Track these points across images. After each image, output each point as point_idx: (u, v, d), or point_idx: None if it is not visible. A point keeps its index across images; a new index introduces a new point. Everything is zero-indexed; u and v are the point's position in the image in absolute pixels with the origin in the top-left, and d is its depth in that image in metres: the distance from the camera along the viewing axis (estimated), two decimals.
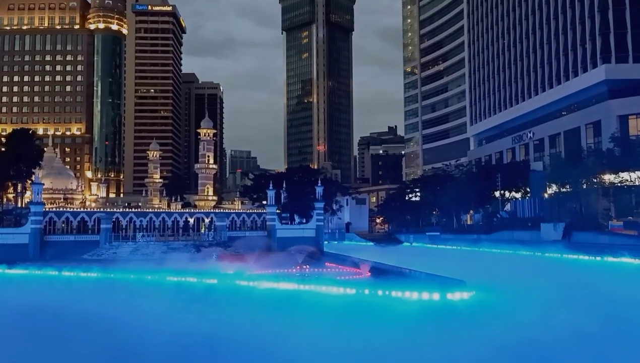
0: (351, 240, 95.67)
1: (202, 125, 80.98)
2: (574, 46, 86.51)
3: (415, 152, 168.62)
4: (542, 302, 25.73)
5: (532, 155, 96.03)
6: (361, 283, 33.83)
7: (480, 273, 32.49)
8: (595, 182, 65.14)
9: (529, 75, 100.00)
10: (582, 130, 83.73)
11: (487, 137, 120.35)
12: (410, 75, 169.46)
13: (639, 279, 36.12)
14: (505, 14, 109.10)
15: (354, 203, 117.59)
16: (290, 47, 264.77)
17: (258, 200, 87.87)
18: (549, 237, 62.98)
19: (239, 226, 65.52)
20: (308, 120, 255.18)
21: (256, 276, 36.77)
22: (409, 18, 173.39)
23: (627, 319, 23.50)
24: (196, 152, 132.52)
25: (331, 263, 51.38)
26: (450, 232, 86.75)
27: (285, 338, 22.01)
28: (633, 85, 75.48)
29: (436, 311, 25.21)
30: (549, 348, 19.68)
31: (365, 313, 25.89)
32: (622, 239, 53.12)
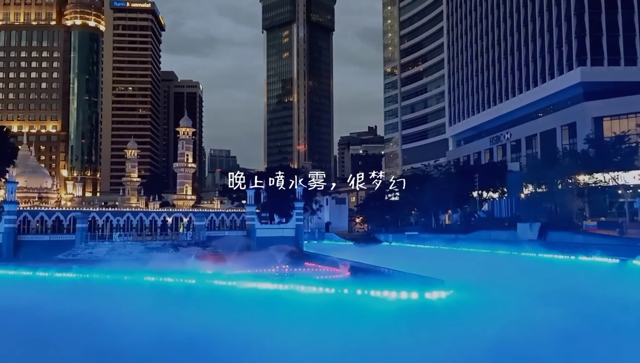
0: (331, 239, 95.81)
1: (181, 124, 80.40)
2: (550, 48, 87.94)
3: (394, 152, 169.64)
4: (519, 301, 26.09)
5: (509, 155, 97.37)
6: (340, 282, 33.91)
7: (458, 273, 32.81)
8: (570, 182, 66.27)
9: (506, 76, 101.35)
10: (558, 131, 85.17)
11: (465, 137, 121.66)
12: (390, 75, 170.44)
13: (612, 278, 36.87)
14: (484, 16, 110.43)
15: (334, 203, 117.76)
16: (271, 46, 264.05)
17: (237, 199, 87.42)
18: (525, 236, 63.88)
19: (218, 226, 65.10)
20: (288, 120, 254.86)
21: (235, 276, 36.57)
22: (389, 19, 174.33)
23: (601, 316, 23.99)
24: (175, 151, 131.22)
25: (311, 263, 51.42)
26: (429, 231, 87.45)
27: (264, 338, 21.94)
28: (608, 88, 77.04)
29: (414, 310, 25.39)
30: (526, 346, 19.96)
31: (344, 313, 25.95)
32: (595, 239, 54.15)
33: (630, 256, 42.38)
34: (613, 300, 26.74)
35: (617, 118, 76.19)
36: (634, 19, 79.93)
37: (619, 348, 19.57)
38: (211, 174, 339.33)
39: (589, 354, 19.27)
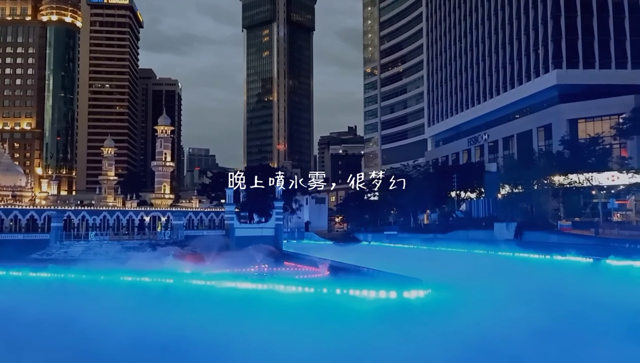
0: (310, 239, 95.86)
1: (160, 122, 79.44)
2: (527, 51, 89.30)
3: (374, 152, 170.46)
4: (495, 299, 26.43)
5: (487, 156, 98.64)
6: (320, 282, 33.98)
7: (436, 272, 33.12)
8: (546, 183, 67.38)
9: (484, 78, 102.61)
10: (534, 133, 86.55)
11: (444, 138, 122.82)
12: (370, 76, 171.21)
13: (586, 277, 37.61)
14: (463, 18, 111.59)
15: (314, 203, 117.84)
16: (251, 45, 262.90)
17: (216, 198, 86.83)
18: (502, 236, 64.78)
19: (197, 225, 64.63)
20: (268, 119, 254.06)
21: (214, 275, 36.36)
22: (369, 19, 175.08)
23: (576, 314, 24.48)
24: (153, 149, 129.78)
25: (290, 263, 51.40)
26: (408, 231, 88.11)
27: (243, 338, 21.86)
28: (583, 90, 78.55)
29: (393, 309, 25.55)
30: (503, 344, 20.23)
31: (323, 312, 25.99)
32: (570, 238, 55.18)
33: (604, 255, 43.27)
34: (587, 299, 27.29)
35: (592, 120, 77.76)
36: (609, 23, 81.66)
37: (593, 345, 19.97)
38: (190, 173, 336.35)
39: (564, 351, 19.64)
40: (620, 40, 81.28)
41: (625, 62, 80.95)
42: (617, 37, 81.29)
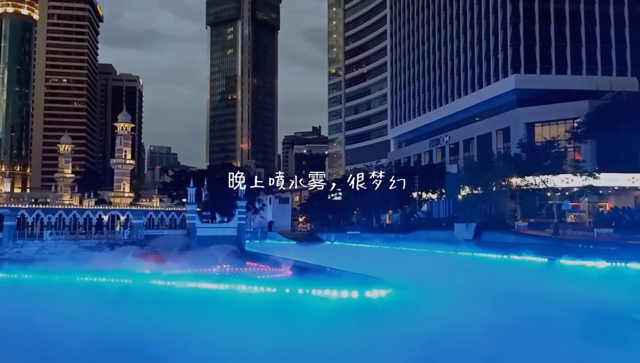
0: (273, 239, 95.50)
1: (119, 119, 77.71)
2: (487, 55, 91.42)
3: (338, 153, 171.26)
4: (455, 298, 26.93)
5: (448, 158, 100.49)
6: (282, 282, 33.89)
7: (398, 271, 33.50)
8: (504, 184, 69.08)
9: (446, 81, 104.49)
10: (493, 135, 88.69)
11: (406, 139, 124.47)
12: (335, 76, 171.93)
13: (540, 276, 38.74)
14: (426, 21, 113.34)
15: (277, 202, 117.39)
16: (215, 43, 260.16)
17: (178, 197, 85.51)
18: (462, 236, 66.05)
19: (157, 224, 63.44)
20: (232, 117, 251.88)
21: (174, 275, 35.78)
22: (334, 20, 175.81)
23: (531, 313, 25.20)
24: (112, 146, 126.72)
25: (252, 262, 51.08)
26: (370, 231, 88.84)
27: (204, 338, 21.63)
28: (540, 95, 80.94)
29: (355, 309, 25.71)
30: (461, 342, 20.62)
31: (285, 312, 25.95)
32: (526, 239, 56.74)
33: (558, 255, 44.68)
34: (542, 297, 28.13)
35: (548, 124, 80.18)
36: (565, 30, 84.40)
37: (549, 343, 20.59)
38: (151, 171, 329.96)
39: (520, 349, 20.16)
40: (576, 46, 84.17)
41: (580, 68, 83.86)
42: (572, 44, 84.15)
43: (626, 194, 70.80)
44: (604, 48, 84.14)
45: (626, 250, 42.67)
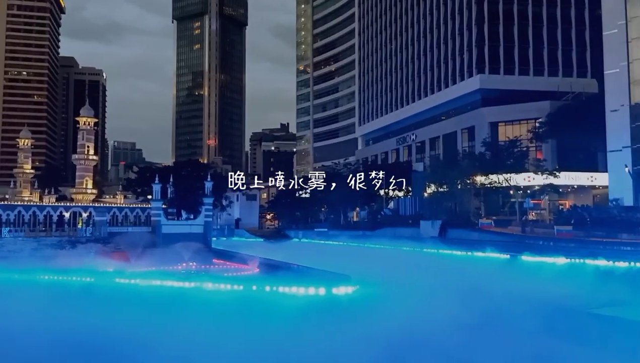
0: (241, 236, 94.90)
1: (82, 113, 75.84)
2: (453, 55, 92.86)
3: (306, 150, 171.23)
4: (420, 294, 27.31)
5: (414, 156, 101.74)
6: (249, 279, 33.73)
7: (365, 268, 33.77)
8: (469, 183, 70.37)
9: (413, 80, 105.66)
10: (459, 134, 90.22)
11: (374, 137, 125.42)
12: (303, 73, 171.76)
13: (503, 272, 39.65)
14: (394, 20, 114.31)
15: (245, 199, 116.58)
16: (181, 37, 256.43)
17: (143, 194, 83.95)
18: (427, 233, 66.98)
19: (121, 221, 62.24)
20: (198, 113, 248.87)
21: (139, 273, 35.19)
22: (302, 17, 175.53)
23: (495, 308, 25.76)
24: (74, 141, 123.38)
25: (219, 260, 50.70)
26: (338, 228, 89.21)
27: (169, 337, 21.34)
28: (503, 95, 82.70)
29: (322, 306, 25.79)
30: (426, 337, 20.91)
31: (252, 310, 25.83)
32: (489, 236, 57.95)
33: (519, 252, 45.79)
34: (505, 293, 28.76)
35: (511, 124, 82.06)
36: (528, 32, 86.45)
37: (510, 337, 21.08)
38: (114, 167, 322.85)
39: (484, 344, 20.60)
40: (538, 48, 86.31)
41: (542, 69, 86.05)
42: (535, 46, 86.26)
43: (585, 193, 73.12)
44: (565, 50, 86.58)
45: (584, 247, 44.03)
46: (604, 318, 25.09)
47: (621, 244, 43.40)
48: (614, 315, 25.85)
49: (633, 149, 58.23)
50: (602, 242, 45.00)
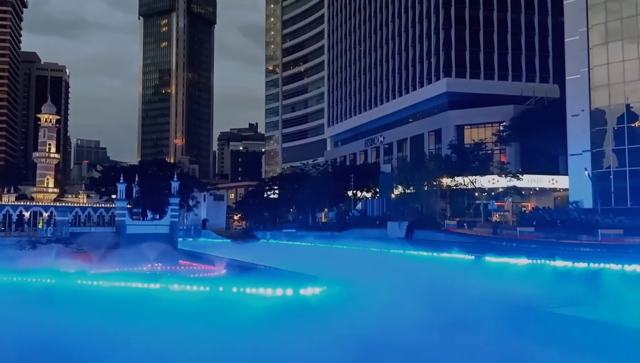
0: (207, 237, 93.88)
1: (43, 110, 73.92)
2: (421, 59, 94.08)
3: (275, 150, 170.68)
4: (387, 295, 27.52)
5: (382, 158, 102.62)
6: (216, 280, 33.33)
7: (333, 269, 33.83)
8: (435, 184, 71.41)
9: (381, 82, 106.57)
10: (426, 136, 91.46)
11: (342, 139, 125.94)
12: (272, 73, 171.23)
13: (467, 273, 40.32)
14: (362, 22, 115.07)
15: (212, 200, 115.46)
16: (148, 34, 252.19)
17: (107, 194, 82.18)
18: (395, 234, 67.62)
19: (84, 221, 60.83)
20: (165, 112, 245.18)
21: (102, 275, 34.36)
22: (272, 17, 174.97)
23: (459, 308, 26.21)
24: (35, 139, 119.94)
25: (185, 261, 50.04)
26: (306, 229, 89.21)
27: (133, 339, 20.93)
28: (469, 99, 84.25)
29: (289, 306, 25.72)
30: (393, 337, 21.10)
31: (219, 311, 25.57)
32: (455, 237, 58.89)
33: (483, 253, 46.67)
34: (469, 293, 29.30)
35: (476, 127, 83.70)
36: (494, 37, 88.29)
37: (474, 336, 21.45)
38: (77, 166, 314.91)
39: (449, 344, 20.89)
40: (502, 53, 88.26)
41: (506, 74, 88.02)
42: (500, 51, 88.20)
43: (546, 195, 75.16)
44: (528, 55, 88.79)
45: (545, 247, 45.20)
46: (564, 318, 25.84)
47: (580, 245, 44.74)
48: (573, 315, 26.64)
49: (593, 152, 60.18)
50: (562, 243, 46.30)
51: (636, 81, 57.71)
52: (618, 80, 58.80)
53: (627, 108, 58.76)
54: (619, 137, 59.13)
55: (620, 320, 24.43)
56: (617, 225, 48.16)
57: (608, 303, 27.86)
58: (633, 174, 57.28)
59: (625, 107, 58.78)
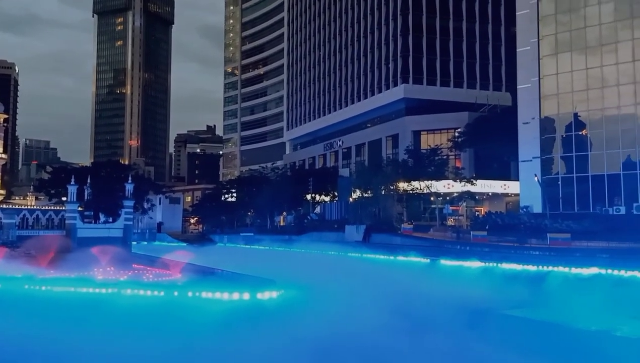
0: (163, 240, 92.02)
1: None
2: (379, 64, 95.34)
3: (233, 153, 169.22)
4: (344, 298, 27.64)
5: (341, 162, 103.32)
6: (171, 285, 32.65)
7: (290, 272, 33.72)
8: (392, 189, 72.43)
9: (340, 87, 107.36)
10: (383, 141, 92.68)
11: (301, 142, 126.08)
12: (231, 75, 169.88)
13: (423, 276, 40.96)
14: (322, 27, 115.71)
15: (168, 203, 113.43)
16: (102, 33, 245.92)
17: (57, 196, 79.53)
18: (352, 238, 68.13)
19: (32, 224, 58.58)
20: (120, 112, 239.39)
21: (51, 279, 33.10)
22: (231, 19, 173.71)
23: (416, 310, 26.57)
24: None
25: (139, 265, 48.79)
26: (264, 232, 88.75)
27: (84, 346, 20.26)
28: (426, 105, 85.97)
29: (246, 311, 25.49)
30: (349, 340, 21.21)
31: (173, 316, 25.06)
32: (411, 240, 59.76)
33: (439, 256, 47.58)
34: (425, 296, 29.74)
35: (432, 132, 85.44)
36: (449, 45, 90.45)
37: (432, 338, 21.81)
38: (26, 167, 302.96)
39: (407, 345, 21.16)
40: (458, 61, 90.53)
41: (462, 82, 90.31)
42: (455, 59, 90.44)
43: (498, 200, 77.41)
44: (482, 64, 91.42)
45: (497, 251, 46.49)
46: (515, 319, 26.61)
47: (530, 249, 46.26)
48: (523, 316, 27.48)
49: (542, 159, 62.42)
50: (513, 247, 47.74)
51: (584, 91, 60.28)
52: (567, 89, 61.29)
53: (575, 117, 61.29)
54: (567, 145, 61.56)
55: (567, 321, 25.39)
56: (564, 230, 50.04)
57: (556, 305, 28.90)
58: (580, 180, 59.76)
59: (573, 116, 61.30)
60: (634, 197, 55.30)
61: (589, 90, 59.87)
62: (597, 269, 35.32)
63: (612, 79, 58.60)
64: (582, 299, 28.00)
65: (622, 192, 56.88)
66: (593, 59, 59.72)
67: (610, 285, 32.31)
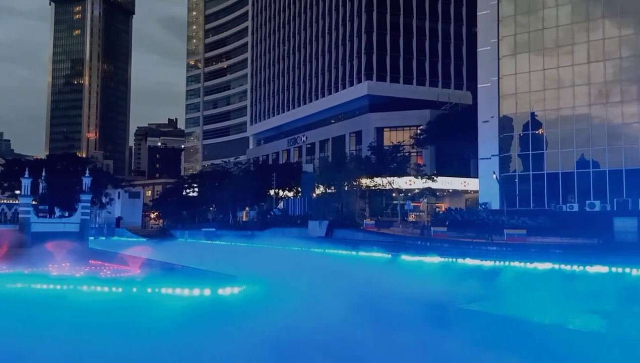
0: (122, 235, 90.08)
1: None
2: (343, 61, 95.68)
3: (195, 147, 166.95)
4: (306, 293, 27.71)
5: (305, 157, 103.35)
6: (129, 281, 32.00)
7: (253, 268, 33.58)
8: (355, 185, 72.94)
9: (304, 82, 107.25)
10: (347, 138, 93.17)
11: (265, 137, 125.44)
12: (194, 68, 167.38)
13: (384, 271, 41.49)
14: (287, 22, 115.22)
15: (127, 197, 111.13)
16: (59, 21, 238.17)
17: (10, 189, 76.87)
18: (315, 233, 68.25)
19: None
20: (77, 104, 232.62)
21: (3, 275, 31.96)
22: (194, 10, 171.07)
23: (377, 305, 26.89)
24: None
25: (96, 261, 47.59)
26: (226, 228, 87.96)
27: (37, 346, 19.63)
28: (389, 102, 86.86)
29: (206, 307, 25.24)
30: (311, 335, 21.26)
31: (131, 313, 24.58)
32: (373, 236, 60.35)
33: (400, 251, 48.21)
34: (386, 290, 30.16)
35: (395, 129, 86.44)
36: (413, 44, 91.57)
37: (392, 332, 22.09)
38: None
39: (367, 340, 21.38)
40: (420, 59, 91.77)
41: (424, 80, 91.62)
42: (418, 57, 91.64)
43: (458, 196, 79.02)
44: (444, 62, 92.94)
45: (457, 247, 47.43)
46: (473, 313, 27.26)
47: (488, 244, 47.38)
48: (481, 310, 28.18)
49: (500, 157, 64.00)
50: (472, 243, 48.80)
51: (541, 91, 62.07)
52: (524, 89, 62.99)
53: (531, 116, 63.07)
54: (524, 143, 63.33)
55: (522, 315, 26.17)
56: (520, 226, 51.48)
57: (511, 299, 29.73)
58: (536, 177, 61.58)
59: (530, 115, 63.07)
60: (586, 195, 57.37)
61: (546, 91, 61.70)
62: (551, 264, 36.49)
63: (567, 80, 60.53)
64: (536, 293, 28.92)
65: (576, 189, 58.94)
66: (550, 60, 61.52)
67: (563, 279, 33.45)
